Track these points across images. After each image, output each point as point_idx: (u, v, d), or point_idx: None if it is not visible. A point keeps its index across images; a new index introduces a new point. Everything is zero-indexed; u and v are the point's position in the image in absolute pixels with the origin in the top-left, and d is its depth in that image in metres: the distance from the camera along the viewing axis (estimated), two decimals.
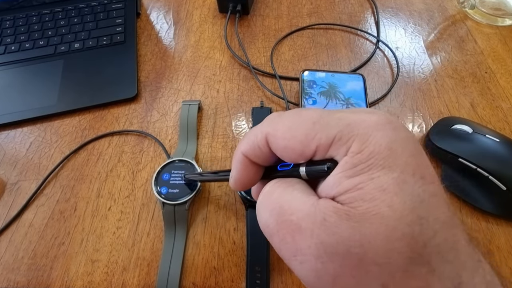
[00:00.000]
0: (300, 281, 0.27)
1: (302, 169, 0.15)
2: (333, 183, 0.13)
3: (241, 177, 0.17)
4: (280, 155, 0.15)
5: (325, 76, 0.40)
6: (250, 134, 0.16)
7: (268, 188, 0.16)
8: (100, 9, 0.50)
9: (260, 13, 0.50)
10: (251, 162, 0.16)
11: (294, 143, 0.14)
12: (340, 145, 0.13)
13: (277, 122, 0.15)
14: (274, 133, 0.15)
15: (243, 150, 0.16)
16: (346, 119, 0.13)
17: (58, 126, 0.40)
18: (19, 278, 0.30)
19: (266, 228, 0.15)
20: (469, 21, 0.48)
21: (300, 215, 0.13)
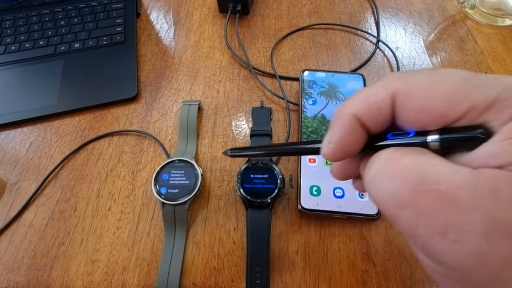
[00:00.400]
0: (301, 281, 0.27)
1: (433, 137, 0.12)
2: (498, 151, 0.11)
3: (345, 143, 0.14)
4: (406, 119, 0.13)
5: (325, 76, 0.40)
6: (365, 92, 0.14)
7: (388, 153, 0.13)
8: (100, 9, 0.50)
9: (260, 13, 0.50)
10: (360, 127, 0.14)
11: (436, 102, 0.12)
12: (503, 108, 0.11)
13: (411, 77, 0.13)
14: (406, 90, 0.12)
15: (354, 111, 0.13)
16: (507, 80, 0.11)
17: (58, 126, 0.40)
18: (19, 278, 0.30)
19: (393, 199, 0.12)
20: (469, 21, 0.48)
21: (453, 184, 0.11)
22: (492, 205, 0.10)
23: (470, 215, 0.10)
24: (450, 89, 0.12)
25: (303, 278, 0.29)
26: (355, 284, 0.29)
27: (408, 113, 0.13)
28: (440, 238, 0.11)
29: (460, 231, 0.10)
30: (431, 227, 0.11)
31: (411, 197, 0.11)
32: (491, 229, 0.10)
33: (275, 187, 0.31)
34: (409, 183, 0.12)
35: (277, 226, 0.32)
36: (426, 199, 0.11)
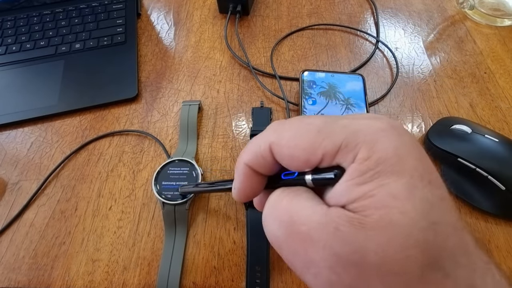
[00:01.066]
0: (300, 280, 0.27)
1: (308, 177, 0.14)
2: (343, 191, 0.13)
3: (244, 188, 0.16)
4: (285, 164, 0.15)
5: (325, 77, 0.40)
6: (252, 144, 0.16)
7: (274, 197, 0.15)
8: (100, 10, 0.50)
9: (260, 14, 0.50)
10: (254, 172, 0.16)
11: (299, 151, 0.14)
12: (346, 152, 0.13)
13: (281, 131, 0.15)
14: (278, 142, 0.15)
15: (245, 160, 0.16)
16: (351, 125, 0.13)
17: (59, 126, 0.40)
18: (20, 278, 0.30)
19: (275, 240, 0.14)
20: (468, 22, 0.48)
21: (311, 225, 0.13)
22: (334, 242, 0.12)
23: (321, 252, 0.12)
24: (309, 140, 0.14)
25: None
26: None
27: (284, 160, 0.15)
28: (306, 273, 0.13)
29: (317, 266, 0.12)
30: (300, 264, 0.13)
31: (285, 239, 0.14)
32: (335, 264, 0.12)
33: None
34: (283, 227, 0.14)
35: None
36: (294, 240, 0.13)
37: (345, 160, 0.13)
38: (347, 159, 0.13)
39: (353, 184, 0.12)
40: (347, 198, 0.13)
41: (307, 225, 0.13)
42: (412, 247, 0.11)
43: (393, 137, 0.13)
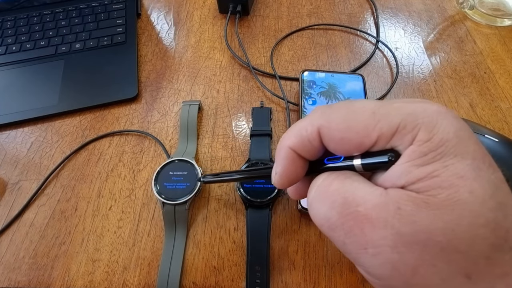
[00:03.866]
0: (301, 280, 0.27)
1: (357, 162, 0.14)
2: (401, 173, 0.13)
3: (288, 173, 0.16)
4: (333, 148, 0.15)
5: (325, 77, 0.40)
6: (297, 127, 0.15)
7: (321, 181, 0.15)
8: (100, 10, 0.50)
9: (260, 14, 0.50)
10: (298, 157, 0.16)
11: (352, 134, 0.14)
12: (404, 134, 0.13)
13: (330, 114, 0.14)
14: (328, 125, 0.14)
15: (290, 144, 0.15)
16: (406, 108, 0.13)
17: (59, 126, 0.40)
18: (20, 278, 0.30)
19: (326, 222, 0.14)
20: (468, 22, 0.48)
21: (368, 205, 0.13)
22: (396, 222, 0.12)
23: (382, 232, 0.12)
24: (363, 122, 0.13)
25: (303, 277, 0.29)
26: (355, 284, 0.29)
27: (332, 143, 0.14)
28: (364, 253, 0.13)
29: (376, 246, 0.12)
30: (356, 244, 0.13)
31: (339, 219, 0.13)
32: (397, 243, 0.12)
33: (275, 187, 0.31)
34: (336, 207, 0.13)
35: (277, 226, 0.32)
36: (349, 221, 0.13)
37: (401, 142, 0.13)
38: (404, 141, 0.13)
39: (413, 166, 0.12)
40: (407, 179, 0.12)
41: (364, 205, 0.13)
42: (481, 226, 0.11)
43: (452, 120, 0.13)
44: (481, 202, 0.11)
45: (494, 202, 0.11)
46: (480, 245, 0.11)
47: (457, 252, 0.11)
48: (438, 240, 0.11)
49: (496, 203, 0.11)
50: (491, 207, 0.11)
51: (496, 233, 0.11)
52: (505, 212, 0.11)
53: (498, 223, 0.11)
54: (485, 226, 0.11)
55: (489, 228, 0.11)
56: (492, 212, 0.11)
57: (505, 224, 0.11)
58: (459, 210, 0.11)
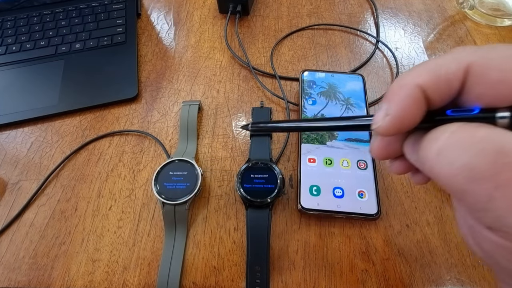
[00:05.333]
0: (301, 280, 0.27)
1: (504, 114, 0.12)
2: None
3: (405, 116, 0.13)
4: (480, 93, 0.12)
5: (325, 77, 0.40)
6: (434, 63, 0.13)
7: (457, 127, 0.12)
8: (100, 10, 0.50)
9: (260, 14, 0.50)
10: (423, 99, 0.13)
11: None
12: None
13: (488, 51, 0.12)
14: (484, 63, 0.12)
15: (421, 81, 0.13)
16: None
17: (59, 126, 0.40)
18: (20, 278, 0.30)
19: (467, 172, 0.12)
20: (468, 22, 0.48)
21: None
22: None
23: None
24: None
25: (303, 277, 0.29)
26: (355, 284, 0.29)
27: (482, 87, 0.12)
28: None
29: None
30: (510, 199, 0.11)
31: (489, 169, 0.11)
32: None
33: (275, 187, 0.31)
34: (487, 155, 0.11)
35: (277, 226, 0.32)
36: (507, 171, 0.11)
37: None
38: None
39: None
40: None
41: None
42: None
43: None
44: None
45: None
46: None
47: None
48: None
49: None
50: None
51: None
52: None
53: None
54: None
55: None
56: None
57: None
58: None
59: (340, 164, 0.33)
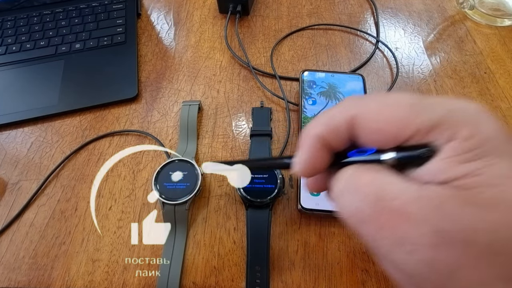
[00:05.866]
0: (301, 280, 0.27)
1: (390, 155, 0.13)
2: (442, 168, 0.12)
3: (313, 161, 0.15)
4: (365, 140, 0.14)
5: (325, 77, 0.40)
6: (327, 115, 0.15)
7: (351, 172, 0.14)
8: (100, 10, 0.50)
9: (260, 14, 0.50)
10: (324, 147, 0.15)
11: (389, 125, 0.13)
12: (444, 130, 0.12)
13: (366, 104, 0.14)
14: (363, 115, 0.14)
15: (318, 132, 0.15)
16: (447, 104, 0.13)
17: (59, 126, 0.40)
18: (20, 278, 0.30)
19: (356, 215, 0.13)
20: (468, 22, 0.48)
21: (406, 200, 0.12)
22: (437, 218, 0.11)
23: (421, 228, 0.12)
24: (402, 114, 0.13)
25: (303, 277, 0.29)
26: (355, 284, 0.29)
27: (366, 134, 0.14)
28: (398, 249, 0.12)
29: (413, 243, 0.12)
30: (390, 239, 0.12)
31: (371, 212, 0.13)
32: (437, 240, 0.11)
33: (275, 187, 0.31)
34: (369, 200, 0.13)
35: (277, 226, 0.32)
36: (384, 215, 0.12)
37: (440, 137, 0.12)
38: (441, 137, 0.12)
39: (455, 162, 0.12)
40: (448, 175, 0.12)
41: (401, 200, 0.12)
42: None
43: (492, 119, 0.12)
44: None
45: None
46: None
47: (500, 255, 0.11)
48: (481, 241, 0.11)
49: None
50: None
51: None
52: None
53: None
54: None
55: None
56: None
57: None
58: (504, 210, 0.11)
59: None
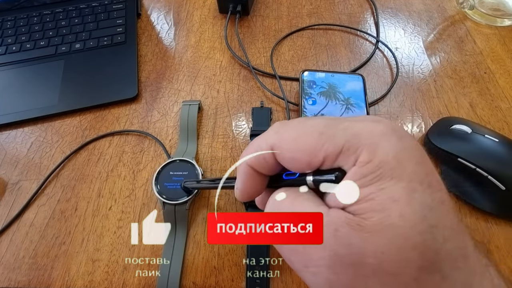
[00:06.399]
0: (301, 280, 0.27)
1: (309, 178, 0.15)
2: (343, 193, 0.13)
3: (247, 188, 0.17)
4: (287, 166, 0.15)
5: (325, 77, 0.40)
6: (254, 145, 0.16)
7: (275, 197, 0.16)
8: (100, 10, 0.50)
9: (260, 14, 0.50)
10: (256, 172, 0.16)
11: (301, 154, 0.14)
12: (348, 155, 0.13)
13: (282, 133, 0.15)
14: (280, 145, 0.15)
15: (248, 161, 0.16)
16: (353, 128, 0.13)
17: (59, 126, 0.40)
18: (20, 278, 0.30)
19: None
20: (468, 22, 0.48)
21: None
22: (334, 243, 0.12)
23: (321, 252, 0.13)
24: (311, 143, 0.14)
25: None
26: None
27: (285, 162, 0.15)
28: (306, 271, 0.13)
29: (316, 265, 0.13)
30: (300, 262, 0.14)
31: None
32: (334, 263, 0.12)
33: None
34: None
35: None
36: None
37: (346, 163, 0.13)
38: (348, 162, 0.13)
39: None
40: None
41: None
42: (410, 249, 0.11)
43: (394, 141, 0.13)
44: (411, 226, 0.11)
45: (424, 225, 0.12)
46: (410, 267, 0.11)
47: (388, 275, 0.12)
48: (370, 263, 0.12)
49: (426, 226, 0.12)
50: (421, 230, 0.11)
51: (424, 256, 0.11)
52: (435, 234, 0.12)
53: (427, 246, 0.11)
54: (414, 249, 0.11)
55: (418, 251, 0.11)
56: (421, 235, 0.11)
57: (435, 246, 0.12)
58: (389, 234, 0.12)
59: None
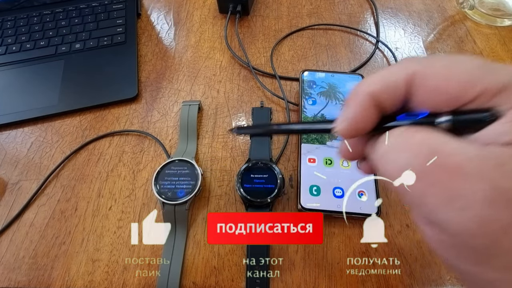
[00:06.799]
0: (301, 280, 0.27)
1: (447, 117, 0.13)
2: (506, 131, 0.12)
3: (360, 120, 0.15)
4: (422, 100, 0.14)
5: (325, 77, 0.40)
6: (384, 73, 0.14)
7: (400, 132, 0.14)
8: (100, 10, 0.50)
9: (260, 14, 0.50)
10: (375, 106, 0.14)
11: (452, 84, 0.13)
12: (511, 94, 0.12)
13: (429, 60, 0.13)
14: (425, 71, 0.13)
15: (373, 89, 0.14)
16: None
17: (59, 126, 0.40)
18: (20, 278, 0.30)
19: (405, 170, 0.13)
20: (468, 22, 0.48)
21: (463, 157, 0.12)
22: (497, 176, 0.11)
23: (477, 185, 0.11)
24: (466, 73, 0.12)
25: (303, 277, 0.29)
26: (355, 284, 0.29)
27: (424, 93, 0.13)
28: (448, 206, 0.12)
29: (466, 199, 0.11)
30: (440, 196, 0.12)
31: (422, 169, 0.12)
32: (495, 197, 0.11)
33: (275, 187, 0.31)
34: (421, 157, 0.12)
35: None
36: (438, 171, 0.12)
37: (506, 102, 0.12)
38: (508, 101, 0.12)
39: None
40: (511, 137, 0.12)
41: (457, 157, 0.12)
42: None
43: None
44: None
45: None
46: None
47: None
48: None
49: None
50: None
51: None
52: None
53: None
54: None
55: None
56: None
57: None
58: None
59: (340, 164, 0.33)
